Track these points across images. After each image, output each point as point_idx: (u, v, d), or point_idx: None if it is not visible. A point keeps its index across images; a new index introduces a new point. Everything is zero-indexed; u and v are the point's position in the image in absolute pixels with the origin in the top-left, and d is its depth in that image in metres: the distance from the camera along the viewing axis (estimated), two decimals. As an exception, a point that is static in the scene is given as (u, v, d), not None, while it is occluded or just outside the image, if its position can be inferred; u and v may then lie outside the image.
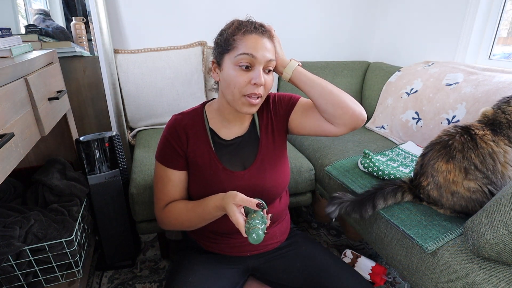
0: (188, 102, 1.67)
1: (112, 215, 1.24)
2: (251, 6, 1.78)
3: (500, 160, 0.84)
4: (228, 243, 0.88)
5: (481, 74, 1.27)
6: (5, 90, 0.69)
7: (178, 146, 0.83)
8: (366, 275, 1.21)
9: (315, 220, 1.71)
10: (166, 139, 0.84)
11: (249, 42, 0.73)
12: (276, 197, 0.89)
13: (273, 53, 0.77)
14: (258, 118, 0.89)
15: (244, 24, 0.76)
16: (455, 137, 0.89)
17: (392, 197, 0.97)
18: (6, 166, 0.65)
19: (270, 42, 0.77)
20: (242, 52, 0.72)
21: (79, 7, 1.70)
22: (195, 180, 0.85)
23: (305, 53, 2.00)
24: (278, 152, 0.89)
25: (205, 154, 0.83)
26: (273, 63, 0.77)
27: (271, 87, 0.80)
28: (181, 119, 0.85)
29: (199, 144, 0.84)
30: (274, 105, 0.90)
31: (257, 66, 0.73)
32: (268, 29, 0.79)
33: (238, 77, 0.74)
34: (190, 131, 0.84)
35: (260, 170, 0.84)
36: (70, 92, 1.44)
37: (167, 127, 0.86)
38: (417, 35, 1.81)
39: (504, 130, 0.86)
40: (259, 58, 0.73)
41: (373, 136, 1.57)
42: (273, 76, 0.80)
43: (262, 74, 0.74)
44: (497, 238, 0.69)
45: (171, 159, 0.83)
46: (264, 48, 0.74)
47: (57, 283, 1.04)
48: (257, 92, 0.74)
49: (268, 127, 0.88)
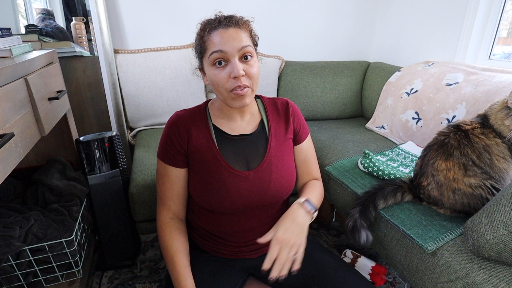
0: (188, 102, 1.67)
1: (112, 215, 1.24)
2: (251, 6, 1.78)
3: (495, 152, 0.85)
4: (227, 245, 0.88)
5: (481, 74, 1.27)
6: (5, 90, 0.69)
7: (179, 143, 0.82)
8: (366, 275, 1.21)
9: (315, 220, 1.71)
10: (167, 135, 0.83)
11: (215, 39, 0.73)
12: (279, 202, 0.87)
13: (245, 39, 0.74)
14: (268, 120, 0.88)
15: (209, 22, 0.76)
16: (450, 135, 0.91)
17: (392, 197, 0.97)
18: (6, 166, 0.65)
19: (240, 30, 0.74)
20: (212, 51, 0.73)
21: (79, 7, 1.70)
22: (197, 178, 0.84)
23: (305, 53, 2.00)
24: (286, 156, 0.87)
25: (207, 151, 0.82)
26: (249, 49, 0.74)
27: (258, 73, 0.77)
28: (182, 115, 0.84)
29: (202, 139, 0.82)
30: (288, 115, 0.89)
31: (231, 59, 0.72)
32: (238, 18, 0.77)
33: (217, 76, 0.74)
34: (192, 127, 0.82)
35: (266, 173, 0.82)
36: (70, 92, 1.45)
37: (168, 123, 0.84)
38: (417, 35, 1.81)
39: (490, 122, 0.88)
40: (229, 51, 0.72)
41: (373, 136, 1.57)
42: (256, 62, 0.77)
43: (238, 64, 0.72)
44: (497, 238, 0.69)
45: (171, 156, 0.82)
46: (231, 38, 0.72)
47: (57, 283, 1.04)
48: (241, 84, 0.73)
49: (279, 131, 0.87)
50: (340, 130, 1.67)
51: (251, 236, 0.87)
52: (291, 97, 1.84)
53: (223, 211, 0.82)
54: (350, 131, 1.65)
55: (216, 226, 0.86)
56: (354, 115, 1.95)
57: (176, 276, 0.77)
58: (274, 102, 0.90)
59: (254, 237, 0.87)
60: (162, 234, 0.84)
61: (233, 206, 0.81)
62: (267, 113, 0.88)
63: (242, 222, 0.84)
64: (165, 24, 1.69)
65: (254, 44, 0.80)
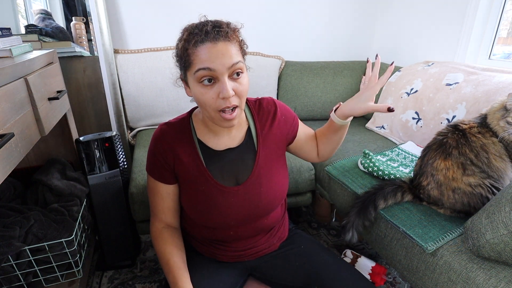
0: (188, 102, 1.65)
1: (112, 215, 1.24)
2: (251, 6, 1.78)
3: (492, 151, 0.86)
4: (226, 250, 0.87)
5: (481, 74, 1.27)
6: (5, 90, 0.69)
7: (165, 161, 0.78)
8: (366, 275, 1.21)
9: (315, 220, 1.71)
10: (153, 153, 0.80)
11: (202, 54, 0.64)
12: (271, 211, 0.85)
13: (236, 54, 0.66)
14: (255, 127, 0.83)
15: (194, 32, 0.66)
16: (448, 135, 0.91)
17: (392, 197, 0.98)
18: (6, 166, 0.65)
19: (230, 43, 0.66)
20: (198, 68, 0.65)
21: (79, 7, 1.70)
22: (186, 194, 0.81)
23: (305, 53, 1.99)
24: (276, 163, 0.84)
25: (194, 168, 0.78)
26: (240, 65, 0.66)
27: (247, 90, 0.71)
28: (166, 131, 0.79)
29: (187, 157, 0.78)
30: (276, 115, 0.84)
31: (220, 78, 0.65)
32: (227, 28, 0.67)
33: (204, 95, 0.67)
34: (177, 145, 0.78)
35: (256, 186, 0.79)
36: (70, 92, 1.45)
37: (153, 139, 0.80)
38: (417, 35, 1.81)
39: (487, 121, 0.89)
40: (218, 69, 0.64)
41: (373, 136, 1.57)
42: (247, 77, 0.70)
43: (229, 84, 0.65)
44: (497, 238, 0.69)
45: (159, 173, 0.80)
46: (221, 54, 0.64)
47: (57, 283, 1.04)
48: (230, 104, 0.67)
49: (268, 137, 0.83)
50: (340, 130, 1.67)
51: (250, 242, 0.87)
52: (291, 97, 1.84)
53: (216, 226, 0.82)
54: (350, 131, 1.65)
55: (213, 236, 0.85)
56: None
57: (172, 279, 0.75)
58: (260, 104, 0.85)
59: (252, 242, 0.87)
60: (156, 243, 0.82)
61: (226, 222, 0.80)
62: (254, 119, 0.83)
63: (239, 232, 0.83)
64: (165, 24, 1.69)
65: (244, 55, 0.72)
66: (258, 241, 0.88)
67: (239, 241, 0.86)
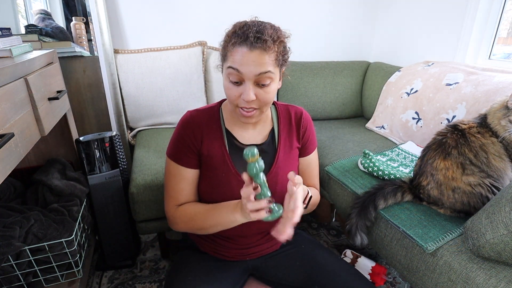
0: (188, 102, 1.67)
1: (112, 215, 1.24)
2: (251, 6, 1.78)
3: (491, 151, 0.86)
4: (230, 248, 0.87)
5: (481, 74, 1.27)
6: (5, 90, 0.69)
7: (192, 143, 0.80)
8: (366, 275, 1.21)
9: (315, 220, 1.71)
10: (179, 135, 0.81)
11: (236, 56, 0.68)
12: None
13: (268, 64, 0.68)
14: (279, 131, 0.86)
15: (238, 32, 0.69)
16: (448, 135, 0.92)
17: (392, 197, 0.98)
18: (6, 166, 0.65)
19: (265, 53, 0.68)
20: (229, 65, 0.69)
21: (79, 7, 1.70)
22: (205, 179, 0.83)
23: (305, 53, 1.99)
24: (291, 166, 0.87)
25: (219, 155, 0.81)
26: (269, 75, 0.69)
27: (272, 98, 0.74)
28: (196, 115, 0.82)
29: (214, 143, 0.81)
30: (299, 126, 0.88)
31: (246, 81, 0.69)
32: (269, 37, 0.68)
33: (229, 90, 0.72)
34: (205, 129, 0.81)
35: (271, 183, 0.80)
36: (70, 92, 1.45)
37: (181, 122, 0.82)
38: (417, 35, 1.81)
39: (487, 121, 0.89)
40: (246, 74, 0.68)
41: (373, 136, 1.57)
42: (273, 86, 0.73)
43: (252, 89, 0.69)
44: (497, 238, 0.69)
45: (185, 157, 0.81)
46: (252, 62, 0.67)
47: (57, 283, 1.04)
48: (249, 106, 0.72)
49: (287, 142, 0.86)
50: (340, 130, 1.67)
51: (253, 240, 0.87)
52: (291, 97, 1.84)
53: None
54: (350, 131, 1.65)
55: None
56: (354, 115, 1.95)
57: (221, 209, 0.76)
58: (288, 111, 0.89)
59: (256, 241, 0.87)
60: (175, 221, 0.83)
61: None
62: (279, 122, 0.87)
63: (245, 229, 0.83)
64: (165, 24, 1.70)
65: (283, 62, 0.74)
66: (261, 239, 0.88)
67: (244, 238, 0.86)
